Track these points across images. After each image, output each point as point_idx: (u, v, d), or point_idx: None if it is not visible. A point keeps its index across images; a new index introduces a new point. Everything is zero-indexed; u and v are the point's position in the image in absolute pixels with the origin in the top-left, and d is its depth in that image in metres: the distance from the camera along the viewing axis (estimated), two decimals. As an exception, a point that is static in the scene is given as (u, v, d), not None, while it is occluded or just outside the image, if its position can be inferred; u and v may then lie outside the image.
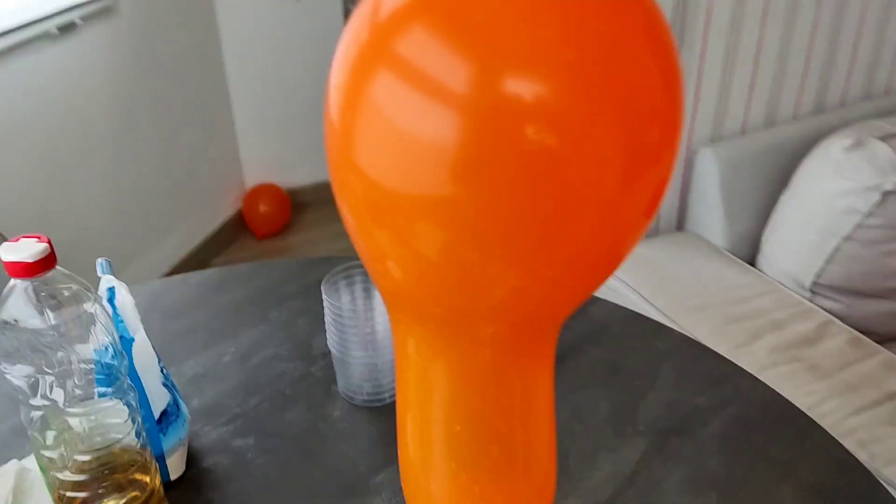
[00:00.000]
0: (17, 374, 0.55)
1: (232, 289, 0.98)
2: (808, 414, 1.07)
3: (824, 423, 1.12)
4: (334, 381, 0.81)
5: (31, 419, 0.57)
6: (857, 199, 1.29)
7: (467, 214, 0.32)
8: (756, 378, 0.82)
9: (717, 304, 1.36)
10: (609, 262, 0.37)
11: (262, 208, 2.56)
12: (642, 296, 1.39)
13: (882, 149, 1.29)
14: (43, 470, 0.59)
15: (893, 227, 1.29)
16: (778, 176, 1.51)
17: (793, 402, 1.15)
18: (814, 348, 1.27)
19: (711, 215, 1.53)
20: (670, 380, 0.82)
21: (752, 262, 1.52)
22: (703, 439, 0.75)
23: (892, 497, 0.69)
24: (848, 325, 1.36)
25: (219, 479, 0.71)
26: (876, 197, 1.27)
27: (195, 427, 0.76)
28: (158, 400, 0.66)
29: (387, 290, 0.38)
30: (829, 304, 1.38)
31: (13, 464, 0.65)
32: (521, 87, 0.31)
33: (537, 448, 0.41)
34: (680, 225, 1.63)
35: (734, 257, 1.50)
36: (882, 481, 1.04)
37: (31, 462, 0.66)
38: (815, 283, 1.38)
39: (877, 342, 1.33)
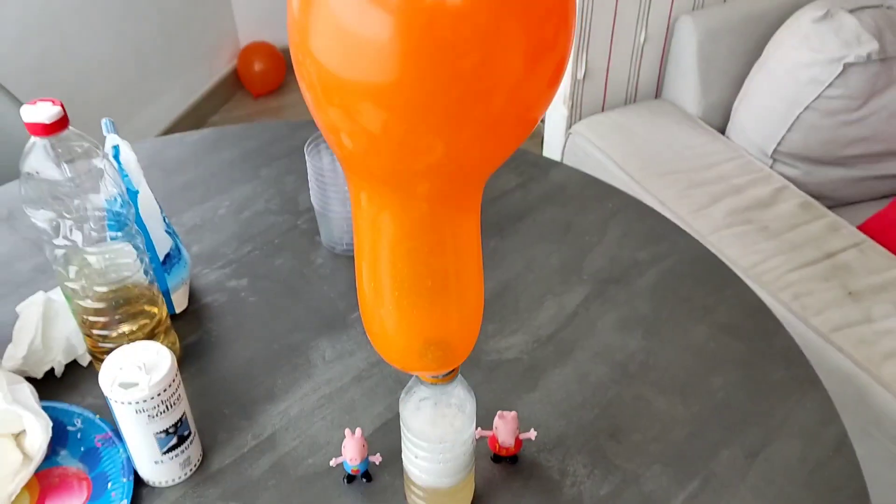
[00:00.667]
0: (41, 219, 0.65)
1: (226, 148, 1.06)
2: (747, 269, 1.19)
3: (765, 279, 1.24)
4: (317, 232, 0.92)
5: (56, 257, 0.68)
6: (821, 70, 1.34)
7: (401, 96, 0.41)
8: (692, 237, 0.93)
9: (684, 170, 1.45)
10: (520, 130, 0.45)
11: (257, 66, 2.59)
12: (614, 160, 1.47)
13: (849, 21, 1.34)
14: (68, 298, 0.70)
15: (852, 98, 1.36)
16: (755, 46, 1.55)
17: (737, 260, 1.27)
18: (767, 211, 1.37)
19: (687, 84, 1.59)
20: (616, 236, 0.92)
21: (722, 131, 1.59)
22: (637, 287, 0.86)
23: (791, 337, 0.81)
24: (805, 191, 1.45)
25: (216, 314, 0.82)
26: (838, 68, 1.33)
27: (195, 270, 0.87)
28: (162, 244, 0.77)
29: (342, 157, 0.46)
30: (788, 170, 1.47)
31: (40, 294, 0.76)
32: (441, -7, 0.38)
33: (465, 280, 0.51)
34: (658, 93, 1.69)
35: (705, 125, 1.57)
36: (810, 329, 1.17)
37: (55, 294, 0.77)
38: (776, 151, 1.46)
39: (829, 206, 1.43)
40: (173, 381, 0.62)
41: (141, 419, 0.61)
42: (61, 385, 0.74)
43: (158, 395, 0.61)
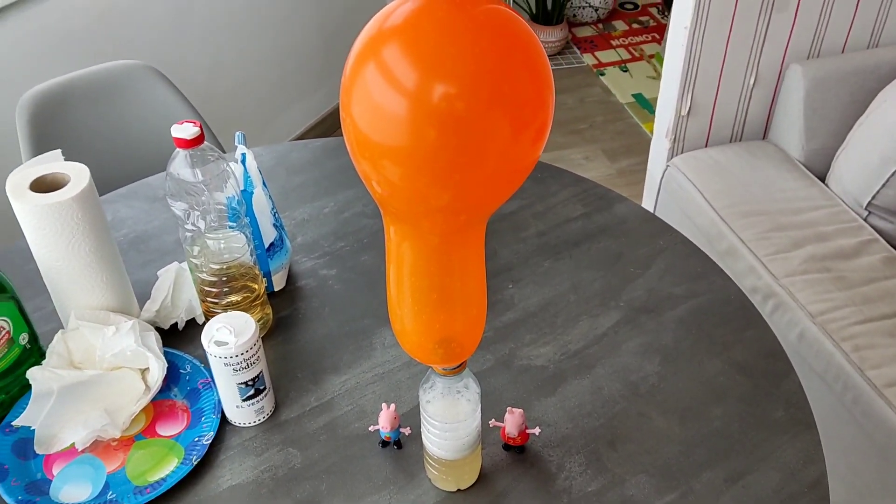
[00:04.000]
0: (178, 207, 0.85)
1: (341, 156, 1.25)
2: (814, 315, 1.25)
3: (830, 327, 1.29)
4: (400, 237, 1.08)
5: (185, 237, 0.87)
6: (918, 131, 1.36)
7: (412, 157, 0.56)
8: (730, 278, 1.01)
9: (772, 212, 1.50)
10: (512, 179, 0.59)
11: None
12: (703, 195, 1.54)
13: (956, 84, 1.34)
14: (191, 270, 0.90)
15: (951, 161, 1.36)
16: (864, 98, 1.57)
17: (806, 306, 1.32)
18: (848, 262, 1.40)
19: (792, 128, 1.62)
20: (659, 270, 1.03)
21: (823, 178, 1.61)
22: (665, 319, 0.96)
23: (798, 380, 0.89)
24: (895, 246, 1.46)
25: (306, 295, 1.01)
26: (937, 130, 1.34)
27: (296, 257, 1.06)
28: (268, 235, 0.96)
29: (375, 198, 0.62)
30: (881, 223, 1.48)
31: (175, 264, 0.97)
32: (446, 87, 0.53)
33: (468, 294, 0.65)
34: (765, 135, 1.73)
35: (805, 170, 1.60)
36: (865, 380, 1.22)
37: (185, 265, 0.98)
38: (871, 204, 1.48)
39: (919, 264, 1.44)
40: (254, 345, 0.80)
41: (227, 371, 0.80)
42: (182, 337, 0.95)
43: (241, 354, 0.79)
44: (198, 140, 0.81)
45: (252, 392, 0.82)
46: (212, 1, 2.05)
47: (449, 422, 0.73)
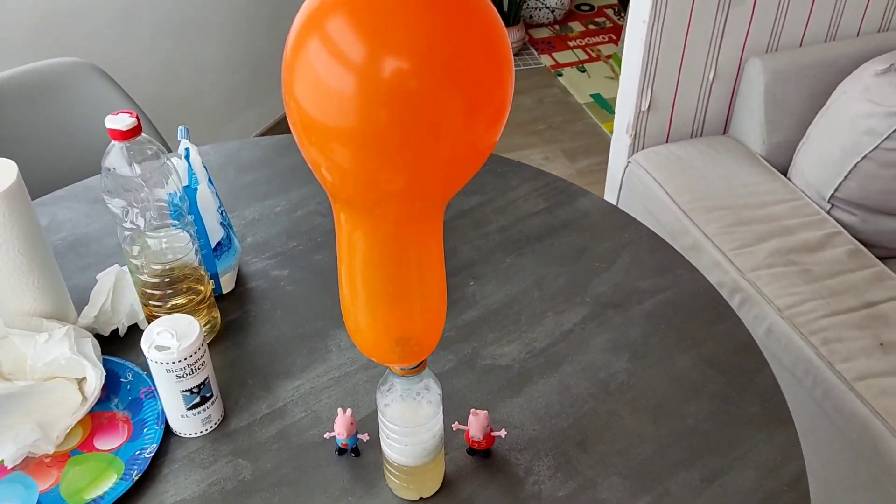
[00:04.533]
0: (116, 205, 0.79)
1: (293, 153, 1.19)
2: (781, 310, 1.23)
3: (798, 321, 1.27)
4: (356, 235, 1.03)
5: (124, 237, 0.82)
6: (879, 122, 1.35)
7: (364, 139, 0.51)
8: (698, 272, 0.98)
9: (736, 207, 1.48)
10: (469, 164, 0.55)
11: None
12: (666, 191, 1.52)
13: (914, 75, 1.34)
14: (131, 272, 0.84)
15: (911, 152, 1.36)
16: (823, 91, 1.56)
17: (773, 300, 1.30)
18: (813, 255, 1.38)
19: (753, 123, 1.61)
20: (624, 265, 0.99)
21: (785, 172, 1.60)
22: (633, 314, 0.93)
23: (774, 377, 0.86)
24: (860, 238, 1.46)
25: (257, 297, 0.95)
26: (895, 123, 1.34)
27: (245, 258, 1.00)
28: (215, 234, 0.90)
29: (326, 187, 0.57)
30: (845, 216, 1.48)
31: (115, 267, 0.91)
32: (397, 62, 0.48)
33: (426, 288, 0.61)
34: (725, 130, 1.72)
35: (767, 164, 1.59)
36: (835, 374, 1.20)
37: (126, 268, 0.91)
38: (833, 196, 1.47)
39: (882, 257, 1.43)
40: (199, 349, 0.74)
41: (170, 378, 0.74)
42: (123, 344, 0.88)
43: (185, 359, 0.73)
44: (134, 131, 0.75)
45: (198, 400, 0.77)
46: (163, 3, 1.98)
47: (409, 426, 0.68)
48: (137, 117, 0.76)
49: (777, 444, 0.79)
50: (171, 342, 0.73)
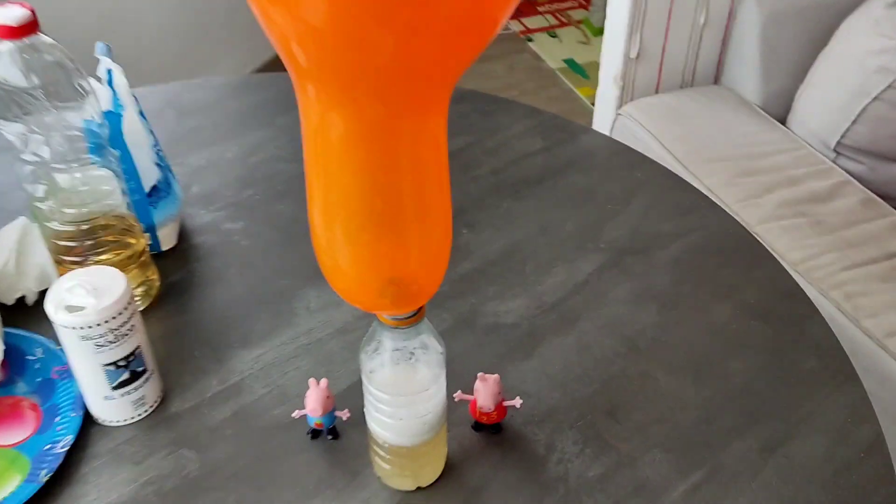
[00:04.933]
0: (11, 131, 0.62)
1: (246, 95, 1.02)
2: (795, 264, 1.09)
3: (815, 275, 1.14)
4: (322, 182, 0.87)
5: (25, 174, 0.64)
6: (892, 58, 1.23)
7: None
8: (725, 212, 0.84)
9: (736, 157, 1.35)
10: (479, 31, 0.39)
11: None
12: (661, 143, 1.38)
13: (930, 4, 1.22)
14: (37, 219, 0.67)
15: (928, 89, 1.24)
16: (823, 33, 1.44)
17: (785, 254, 1.17)
18: (824, 205, 1.26)
19: (747, 70, 1.49)
20: (640, 206, 0.85)
21: (783, 121, 1.48)
22: (657, 260, 0.78)
23: (827, 325, 0.72)
24: (869, 189, 1.34)
25: (205, 254, 0.78)
26: (914, 55, 1.22)
27: (190, 210, 0.83)
28: (148, 175, 0.73)
29: (294, 72, 0.41)
30: (851, 165, 1.36)
31: (21, 220, 0.73)
32: None
33: (425, 204, 0.45)
34: (717, 79, 1.59)
35: (764, 114, 1.46)
36: (862, 331, 1.07)
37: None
38: (839, 144, 1.35)
39: (894, 206, 1.31)
40: (125, 309, 0.57)
41: (87, 348, 0.57)
42: (31, 314, 0.71)
43: (106, 321, 0.56)
44: (28, 28, 0.58)
45: (126, 376, 0.60)
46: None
47: (403, 394, 0.53)
48: (33, 11, 0.58)
49: (844, 404, 0.66)
50: (87, 300, 0.56)
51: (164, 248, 0.77)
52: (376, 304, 0.48)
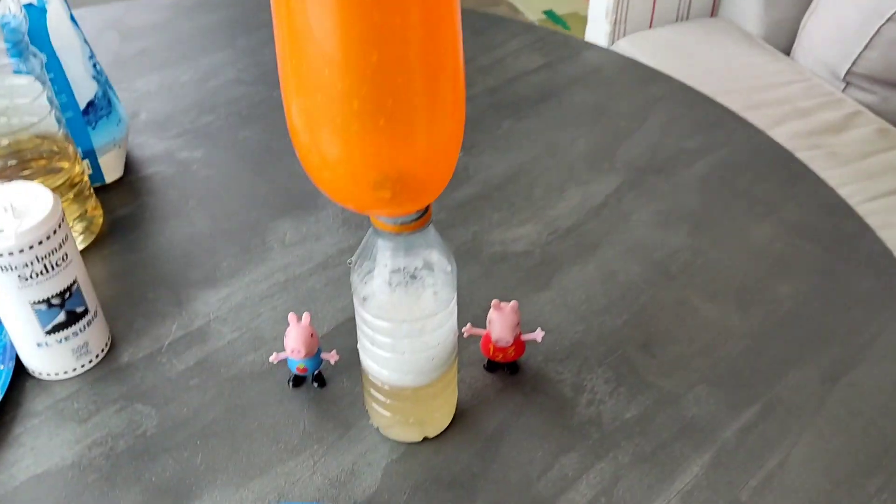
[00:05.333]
0: None
1: (202, 15, 0.91)
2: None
3: (835, 210, 1.05)
4: (294, 105, 0.76)
5: (-70, 79, 0.53)
6: (911, -29, 1.14)
7: None
8: (752, 125, 0.75)
9: (742, 90, 1.25)
10: None
11: None
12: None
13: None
14: (-52, 137, 0.55)
15: (948, 6, 1.15)
16: (828, -46, 1.34)
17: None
18: (838, 137, 1.17)
19: (747, 0, 1.39)
20: (658, 123, 0.75)
21: (787, 53, 1.39)
22: (682, 179, 0.69)
23: (879, 239, 0.63)
24: (880, 118, 1.25)
25: (158, 186, 0.67)
26: (933, -32, 1.13)
27: (139, 138, 0.72)
28: (84, 88, 0.61)
29: None
30: (862, 96, 1.27)
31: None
32: None
33: (431, 67, 0.35)
34: (714, 11, 1.49)
35: (767, 45, 1.37)
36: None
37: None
38: (850, 73, 1.26)
39: (910, 138, 1.23)
40: (54, 232, 0.46)
41: (10, 281, 0.46)
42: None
43: (31, 247, 0.45)
44: None
45: (62, 318, 0.49)
46: None
47: (408, 320, 0.42)
48: None
49: (910, 328, 0.57)
50: (6, 221, 0.45)
51: (109, 179, 0.66)
52: (372, 201, 0.38)
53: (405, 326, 0.42)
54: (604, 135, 0.73)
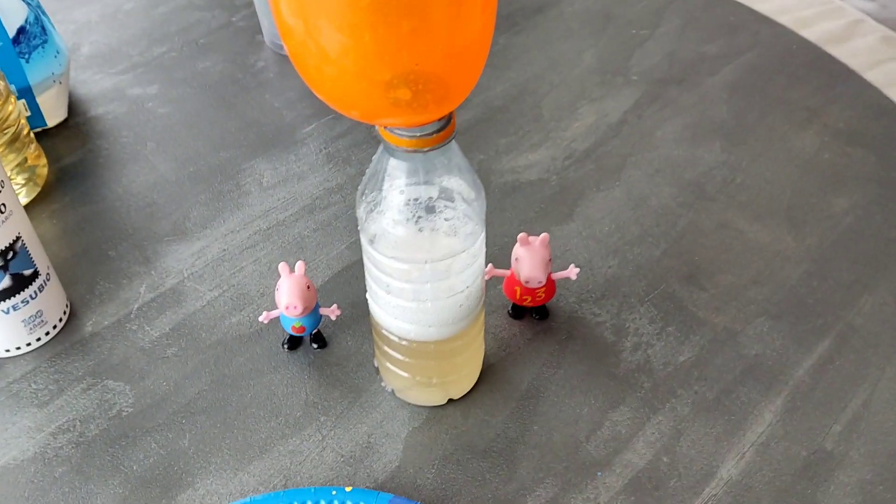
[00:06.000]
0: None
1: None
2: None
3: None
4: (259, 30, 0.66)
5: None
6: None
7: None
8: (780, 24, 0.67)
9: (734, 3, 1.17)
10: None
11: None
12: None
13: None
14: None
15: None
16: None
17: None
18: (842, 46, 1.10)
19: None
20: (674, 28, 0.67)
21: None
22: (708, 88, 0.61)
23: (937, 144, 0.56)
24: (882, 26, 1.18)
25: (110, 128, 0.58)
26: None
27: (82, 75, 0.62)
28: (11, 13, 0.52)
29: None
30: (860, 4, 1.20)
31: None
32: None
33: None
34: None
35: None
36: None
37: None
38: (850, -22, 1.18)
39: (913, 46, 1.16)
40: (-16, 178, 0.37)
41: (-67, 241, 0.37)
42: None
43: (-45, 198, 0.36)
44: None
45: (7, 283, 0.40)
46: None
47: (430, 261, 0.35)
48: None
49: (981, 240, 0.50)
50: (-81, 167, 0.36)
51: (51, 122, 0.57)
52: (385, 106, 0.29)
53: (427, 268, 0.35)
54: (613, 45, 0.65)
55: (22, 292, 0.41)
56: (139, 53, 0.64)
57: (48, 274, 0.43)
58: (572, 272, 0.44)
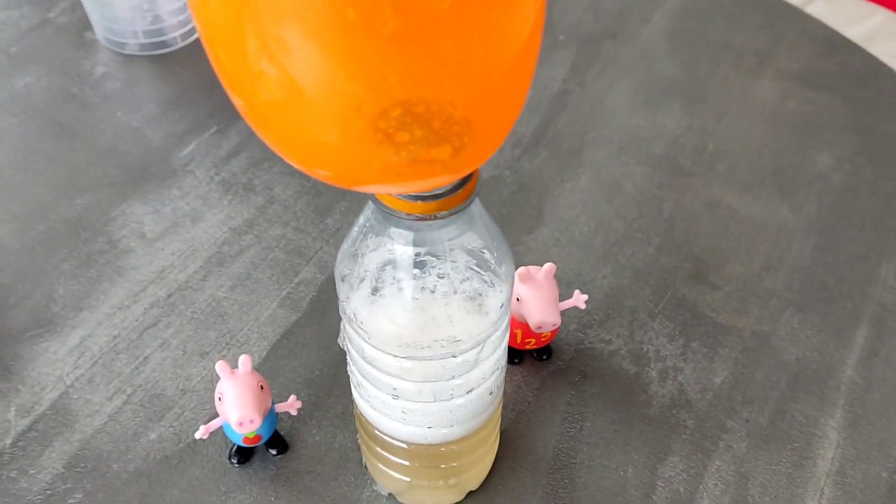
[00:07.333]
0: None
1: None
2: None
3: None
4: (88, 26, 0.52)
5: None
6: None
7: None
8: (698, -42, 0.60)
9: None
10: None
11: None
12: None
13: None
14: None
15: None
16: None
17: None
18: None
19: None
20: (588, -28, 0.59)
21: None
22: (646, 39, 0.53)
23: (893, 72, 0.52)
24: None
25: (-90, 187, 0.42)
26: None
27: None
28: None
29: None
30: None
31: None
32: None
33: None
34: None
35: None
36: None
37: None
38: None
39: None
40: None
41: None
42: None
43: None
44: None
45: None
46: None
47: (458, 352, 0.25)
48: None
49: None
50: None
51: None
52: (372, 164, 0.19)
53: (458, 360, 0.25)
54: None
55: None
56: (-72, 76, 0.48)
57: None
58: (579, 300, 0.35)
